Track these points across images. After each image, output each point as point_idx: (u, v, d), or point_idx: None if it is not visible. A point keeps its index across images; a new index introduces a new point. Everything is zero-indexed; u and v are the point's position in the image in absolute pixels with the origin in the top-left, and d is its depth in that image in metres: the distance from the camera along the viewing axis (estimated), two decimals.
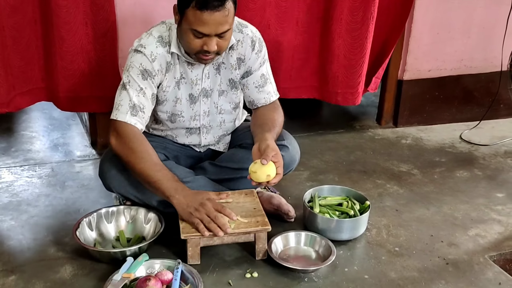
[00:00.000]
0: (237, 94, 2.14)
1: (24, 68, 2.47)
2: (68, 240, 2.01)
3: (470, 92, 3.36)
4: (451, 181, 2.62)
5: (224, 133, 2.23)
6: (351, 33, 2.72)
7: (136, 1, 2.54)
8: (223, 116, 2.16)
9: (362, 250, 2.02)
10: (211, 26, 1.77)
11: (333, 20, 2.70)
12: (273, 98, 2.15)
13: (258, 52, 2.07)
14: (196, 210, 1.81)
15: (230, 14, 1.79)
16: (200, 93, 2.06)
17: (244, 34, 2.03)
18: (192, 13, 1.76)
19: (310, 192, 2.21)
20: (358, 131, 3.25)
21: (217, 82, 2.07)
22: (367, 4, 2.66)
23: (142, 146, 1.90)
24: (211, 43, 1.82)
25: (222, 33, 1.81)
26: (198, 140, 2.19)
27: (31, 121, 3.31)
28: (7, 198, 2.33)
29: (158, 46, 1.94)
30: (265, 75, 2.12)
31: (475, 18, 3.16)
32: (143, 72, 1.93)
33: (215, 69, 2.05)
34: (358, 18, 2.69)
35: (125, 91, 1.94)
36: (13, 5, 2.32)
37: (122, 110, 1.92)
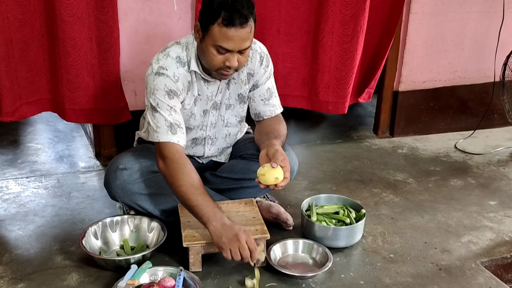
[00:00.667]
0: (243, 108, 2.20)
1: (32, 79, 2.55)
2: (74, 249, 2.08)
3: (465, 102, 3.44)
4: (445, 189, 2.69)
5: (227, 146, 2.29)
6: (342, 46, 2.83)
7: (139, 17, 2.62)
8: (229, 129, 2.23)
9: (358, 257, 2.09)
10: (235, 42, 1.83)
11: (324, 33, 2.80)
12: (278, 111, 2.20)
13: (266, 67, 2.13)
14: (230, 241, 1.79)
15: (252, 31, 1.86)
16: (211, 106, 2.13)
17: (253, 50, 2.09)
18: (218, 30, 1.81)
19: (308, 201, 2.27)
20: (356, 141, 3.33)
21: (226, 96, 2.13)
22: (357, 18, 2.76)
23: (185, 168, 1.90)
24: (233, 59, 1.86)
25: (244, 50, 1.87)
26: (202, 152, 2.25)
27: (37, 133, 3.39)
28: (14, 208, 2.40)
29: (178, 67, 1.98)
30: (270, 88, 2.18)
31: (468, 31, 3.25)
32: (168, 93, 1.94)
33: (226, 84, 2.11)
34: (349, 31, 2.80)
35: (157, 113, 1.94)
36: (21, 20, 2.41)
37: (161, 131, 1.93)
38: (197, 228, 1.95)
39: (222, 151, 2.30)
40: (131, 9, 2.60)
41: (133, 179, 2.05)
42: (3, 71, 2.38)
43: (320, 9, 2.76)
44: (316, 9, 2.77)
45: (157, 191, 2.08)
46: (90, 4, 2.45)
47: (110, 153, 2.86)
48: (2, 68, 2.38)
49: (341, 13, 2.76)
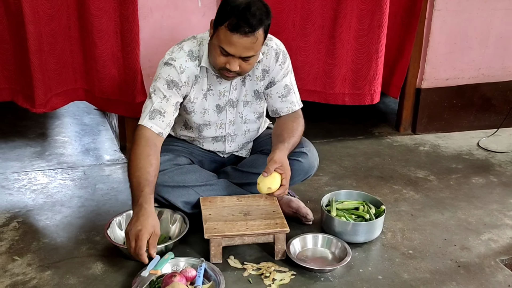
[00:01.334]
0: (260, 104, 2.23)
1: (60, 71, 2.62)
2: (99, 239, 2.14)
3: (488, 100, 3.41)
4: (467, 187, 2.68)
5: (247, 141, 2.33)
6: (358, 40, 2.87)
7: (163, 13, 2.67)
8: (248, 126, 2.26)
9: (376, 252, 2.11)
10: (237, 48, 1.86)
11: (342, 28, 2.83)
12: (296, 107, 2.22)
13: (282, 63, 2.15)
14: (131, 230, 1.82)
15: (258, 42, 1.88)
16: (226, 103, 2.16)
17: (269, 47, 2.11)
18: (223, 32, 1.85)
19: (328, 196, 2.30)
20: (377, 138, 3.33)
21: (242, 93, 2.17)
22: (373, 13, 2.80)
23: (143, 148, 1.93)
24: (234, 63, 1.90)
25: (246, 57, 1.90)
26: (223, 148, 2.30)
27: (64, 126, 3.47)
28: (42, 199, 2.48)
29: (187, 60, 2.04)
30: (288, 85, 2.19)
31: (492, 28, 3.22)
32: (169, 83, 2.02)
33: (241, 81, 2.15)
34: (365, 25, 2.83)
35: (149, 99, 2.03)
36: (50, 14, 2.49)
37: (143, 116, 2.00)
38: (218, 220, 2.00)
39: (243, 146, 2.33)
40: (156, 5, 2.65)
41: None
42: (36, 64, 2.47)
43: (338, 4, 2.80)
44: (331, 4, 2.81)
45: (180, 184, 2.13)
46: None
47: None
48: (35, 61, 2.46)
49: (358, 8, 2.80)
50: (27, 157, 2.95)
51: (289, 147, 2.06)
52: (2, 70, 2.57)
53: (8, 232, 2.19)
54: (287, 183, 1.97)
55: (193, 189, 2.14)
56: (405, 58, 3.07)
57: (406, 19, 3.01)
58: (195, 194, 2.15)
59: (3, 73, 2.58)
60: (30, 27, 2.39)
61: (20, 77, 2.58)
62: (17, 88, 2.62)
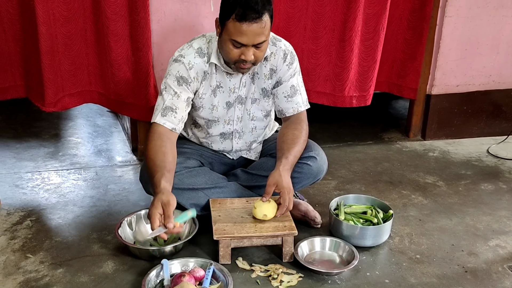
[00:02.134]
0: (268, 102, 2.26)
1: (74, 72, 2.67)
2: (110, 239, 2.18)
3: (499, 107, 3.41)
4: (475, 193, 2.69)
5: (254, 139, 2.36)
6: (364, 42, 2.94)
7: (177, 17, 2.71)
8: (255, 123, 2.30)
9: (384, 256, 2.12)
10: (249, 37, 1.92)
11: (352, 31, 2.87)
12: (301, 108, 2.25)
13: (290, 64, 2.20)
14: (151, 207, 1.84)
15: (267, 26, 1.94)
16: (235, 100, 2.21)
17: (277, 47, 2.17)
18: (232, 25, 1.91)
19: (336, 200, 2.32)
20: (387, 143, 3.34)
21: (251, 91, 2.21)
22: (379, 16, 2.87)
23: (157, 141, 2.00)
24: (248, 53, 1.96)
25: (259, 44, 1.95)
26: (231, 146, 2.32)
27: (77, 127, 3.52)
28: (55, 198, 2.53)
29: (196, 57, 2.10)
30: (295, 86, 2.23)
31: (503, 35, 3.23)
32: (179, 79, 2.08)
33: (250, 79, 2.19)
34: (371, 28, 2.91)
35: (161, 96, 2.10)
36: (66, 16, 2.54)
37: (155, 114, 2.08)
38: (227, 222, 2.03)
39: (250, 145, 2.36)
40: (169, 10, 2.69)
41: None
42: (47, 64, 2.51)
43: (348, 8, 2.84)
44: (341, 8, 2.85)
45: (190, 186, 2.15)
46: (130, 4, 2.55)
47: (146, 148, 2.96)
48: (46, 62, 2.51)
49: (364, 12, 2.86)
50: (41, 157, 3.00)
51: (291, 159, 2.09)
52: (18, 67, 2.64)
53: (22, 230, 2.23)
54: (284, 201, 2.00)
55: (203, 191, 2.17)
56: (418, 60, 3.11)
57: (414, 22, 3.05)
58: (205, 196, 2.18)
59: (19, 70, 2.64)
60: (42, 28, 2.45)
61: (33, 75, 2.64)
62: (31, 85, 2.68)
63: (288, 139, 2.15)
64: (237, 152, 2.38)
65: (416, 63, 3.12)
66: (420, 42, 3.07)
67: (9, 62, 2.59)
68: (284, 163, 2.06)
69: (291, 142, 2.14)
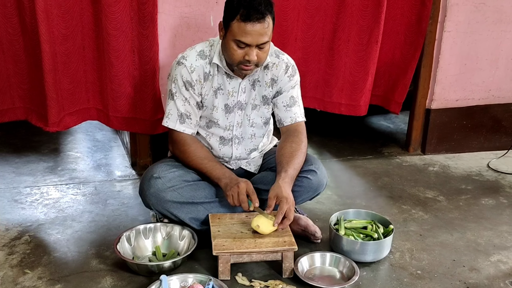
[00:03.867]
0: (268, 110, 2.31)
1: (73, 90, 2.66)
2: (109, 254, 2.17)
3: (499, 121, 3.41)
4: (476, 208, 2.68)
5: (254, 147, 2.37)
6: (357, 53, 2.99)
7: (177, 32, 2.72)
8: (254, 130, 2.33)
9: (385, 272, 2.11)
10: (253, 37, 1.98)
11: (341, 41, 2.97)
12: (299, 119, 2.29)
13: (291, 76, 2.26)
14: (232, 188, 2.08)
15: (269, 27, 2.00)
16: (235, 105, 2.25)
17: (280, 59, 2.25)
18: (237, 25, 1.97)
19: (336, 215, 2.30)
20: (387, 158, 3.34)
21: (251, 97, 2.26)
22: (372, 29, 2.91)
23: (191, 147, 2.21)
24: (252, 53, 2.01)
25: (262, 44, 2.01)
26: (230, 152, 2.33)
27: (76, 142, 3.52)
28: (54, 213, 2.51)
29: (197, 59, 2.17)
30: (294, 97, 2.29)
31: (502, 49, 3.24)
32: (185, 83, 2.17)
33: (251, 85, 2.24)
34: (364, 40, 2.96)
35: (172, 101, 2.21)
36: (64, 34, 2.54)
37: (172, 118, 2.21)
38: (227, 237, 2.01)
39: (250, 153, 2.37)
40: (169, 25, 2.70)
41: (166, 188, 2.13)
42: (50, 83, 2.50)
43: (337, 19, 2.93)
44: (331, 19, 2.94)
45: (189, 200, 2.15)
46: (134, 19, 2.57)
47: (145, 163, 2.96)
48: (49, 80, 2.50)
49: (358, 24, 2.93)
50: (40, 172, 2.99)
51: (290, 172, 2.10)
52: (17, 89, 2.61)
53: (20, 246, 2.22)
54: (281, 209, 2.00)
55: (202, 205, 2.17)
56: (408, 75, 3.12)
57: (410, 37, 3.07)
58: (204, 210, 2.17)
59: (18, 92, 2.62)
60: (46, 46, 2.44)
61: (34, 96, 2.62)
62: (31, 107, 2.66)
63: (286, 153, 2.17)
64: (236, 162, 2.37)
65: (406, 77, 3.13)
66: (414, 57, 3.09)
67: (8, 84, 2.58)
68: (283, 176, 2.07)
69: (289, 155, 2.16)
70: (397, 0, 3.00)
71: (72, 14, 2.52)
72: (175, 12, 2.69)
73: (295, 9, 2.89)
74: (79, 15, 2.55)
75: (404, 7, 3.03)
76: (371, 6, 2.89)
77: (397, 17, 3.04)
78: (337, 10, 2.92)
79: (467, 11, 3.10)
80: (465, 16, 3.10)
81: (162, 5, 2.64)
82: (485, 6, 3.11)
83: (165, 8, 2.66)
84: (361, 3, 2.89)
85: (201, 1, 2.71)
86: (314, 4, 2.91)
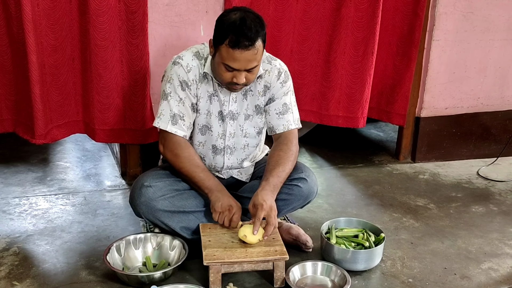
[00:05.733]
0: (261, 119, 2.28)
1: (62, 103, 2.64)
2: (99, 265, 2.14)
3: (488, 129, 3.44)
4: (467, 215, 2.68)
5: (246, 157, 2.35)
6: (353, 65, 2.99)
7: (167, 42, 2.72)
8: (247, 140, 2.30)
9: (376, 281, 2.10)
10: (241, 63, 1.96)
11: (337, 53, 2.96)
12: (292, 126, 2.26)
13: (283, 82, 2.23)
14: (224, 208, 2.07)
15: (259, 52, 1.97)
16: (227, 115, 2.22)
17: (272, 66, 2.22)
18: (225, 50, 1.95)
19: (328, 223, 2.30)
20: (377, 166, 3.35)
21: (244, 107, 2.24)
22: (368, 40, 2.92)
23: (184, 152, 2.14)
24: (240, 76, 2.00)
25: (251, 69, 1.99)
26: (222, 162, 2.31)
27: (66, 152, 3.49)
28: (43, 224, 2.49)
29: (193, 59, 2.14)
30: (287, 104, 2.25)
31: (491, 58, 3.27)
32: (182, 83, 2.13)
33: (242, 95, 2.22)
34: (360, 52, 2.95)
35: (166, 101, 2.15)
36: (53, 45, 2.52)
37: (163, 119, 2.14)
38: (217, 247, 2.00)
39: (242, 163, 2.35)
40: (159, 34, 2.70)
41: (157, 196, 2.11)
42: (37, 94, 2.48)
43: (332, 31, 2.93)
44: (327, 31, 2.94)
45: (180, 209, 2.14)
46: (122, 29, 2.55)
47: (135, 172, 2.94)
48: (37, 92, 2.47)
49: (353, 35, 2.92)
50: (28, 182, 2.96)
51: (272, 180, 2.08)
52: (5, 100, 2.59)
53: (8, 257, 2.19)
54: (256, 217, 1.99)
55: (193, 214, 2.16)
56: (406, 86, 3.13)
57: (403, 48, 3.09)
58: (195, 219, 2.16)
59: (6, 104, 2.60)
60: (33, 57, 2.42)
61: (21, 108, 2.60)
62: (19, 119, 2.63)
63: (272, 161, 2.16)
64: (228, 171, 2.36)
65: (404, 88, 3.14)
66: (409, 68, 3.10)
67: None
68: (263, 184, 2.07)
69: (274, 163, 2.14)
70: (389, 11, 3.02)
71: (62, 25, 2.51)
72: (165, 22, 2.69)
73: (290, 21, 2.88)
74: (68, 26, 2.53)
75: (396, 18, 3.04)
76: (366, 18, 2.88)
77: (389, 28, 3.06)
78: (333, 21, 2.91)
79: (456, 20, 3.13)
80: (454, 25, 3.13)
81: (152, 15, 2.64)
82: (473, 15, 3.14)
83: (155, 18, 2.66)
84: (356, 14, 2.88)
85: (191, 11, 2.71)
86: (310, 16, 2.90)
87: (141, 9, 2.55)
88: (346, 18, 2.89)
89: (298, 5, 2.87)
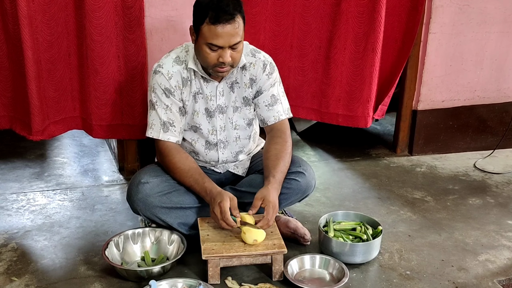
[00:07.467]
0: (250, 110, 2.29)
1: (58, 99, 2.64)
2: (97, 260, 2.15)
3: (484, 121, 3.45)
4: (464, 208, 2.70)
5: (240, 150, 2.36)
6: (354, 62, 2.92)
7: (163, 36, 2.71)
8: (238, 132, 2.31)
9: (374, 273, 2.11)
10: (224, 39, 1.96)
11: (337, 49, 2.90)
12: (282, 117, 2.27)
13: (269, 74, 2.24)
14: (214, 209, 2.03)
15: (240, 27, 1.99)
16: (216, 109, 2.24)
17: (256, 58, 2.23)
18: (207, 29, 1.96)
19: (325, 217, 2.31)
20: (374, 159, 3.35)
21: (232, 99, 2.24)
22: (368, 36, 2.84)
23: (174, 158, 2.16)
24: (226, 54, 2.00)
25: (234, 45, 2.00)
26: (216, 157, 2.32)
27: (63, 147, 3.49)
28: (41, 220, 2.49)
29: (174, 65, 2.16)
30: (275, 95, 2.26)
31: (487, 51, 3.27)
32: (165, 91, 2.15)
33: (229, 88, 2.23)
34: (361, 48, 2.88)
35: (154, 110, 2.18)
36: (49, 40, 2.51)
37: (155, 129, 2.18)
38: (216, 241, 2.01)
39: (237, 156, 2.36)
40: (156, 28, 2.69)
41: (154, 193, 2.11)
42: (34, 90, 2.47)
43: (333, 26, 2.87)
44: (328, 26, 2.88)
45: (178, 205, 2.14)
46: (119, 24, 2.55)
47: (133, 167, 2.94)
48: (33, 88, 2.47)
49: (353, 31, 2.86)
50: (26, 178, 2.96)
51: (278, 177, 2.10)
52: (1, 97, 2.59)
53: (7, 253, 2.19)
54: (268, 214, 2.00)
55: (191, 210, 2.16)
56: (393, 80, 3.07)
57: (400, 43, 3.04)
58: (193, 215, 2.16)
59: (2, 101, 2.59)
60: (29, 52, 2.41)
61: (18, 104, 2.59)
62: (16, 116, 2.63)
63: (271, 156, 2.17)
64: (223, 165, 2.37)
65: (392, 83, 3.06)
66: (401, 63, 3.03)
67: None
68: (272, 181, 2.07)
69: (275, 158, 2.15)
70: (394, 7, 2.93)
71: (57, 20, 2.50)
72: (162, 16, 2.69)
73: (289, 15, 2.84)
74: (64, 22, 2.53)
75: (402, 14, 2.96)
76: (367, 13, 2.80)
77: (395, 24, 2.97)
78: (333, 16, 2.85)
79: (452, 13, 3.13)
80: (450, 17, 3.13)
81: (148, 9, 2.63)
82: (469, 8, 3.14)
83: (151, 12, 2.65)
84: (356, 9, 2.81)
85: (187, 5, 2.69)
86: (310, 10, 2.85)
87: (138, 3, 2.55)
88: (346, 13, 2.82)
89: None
